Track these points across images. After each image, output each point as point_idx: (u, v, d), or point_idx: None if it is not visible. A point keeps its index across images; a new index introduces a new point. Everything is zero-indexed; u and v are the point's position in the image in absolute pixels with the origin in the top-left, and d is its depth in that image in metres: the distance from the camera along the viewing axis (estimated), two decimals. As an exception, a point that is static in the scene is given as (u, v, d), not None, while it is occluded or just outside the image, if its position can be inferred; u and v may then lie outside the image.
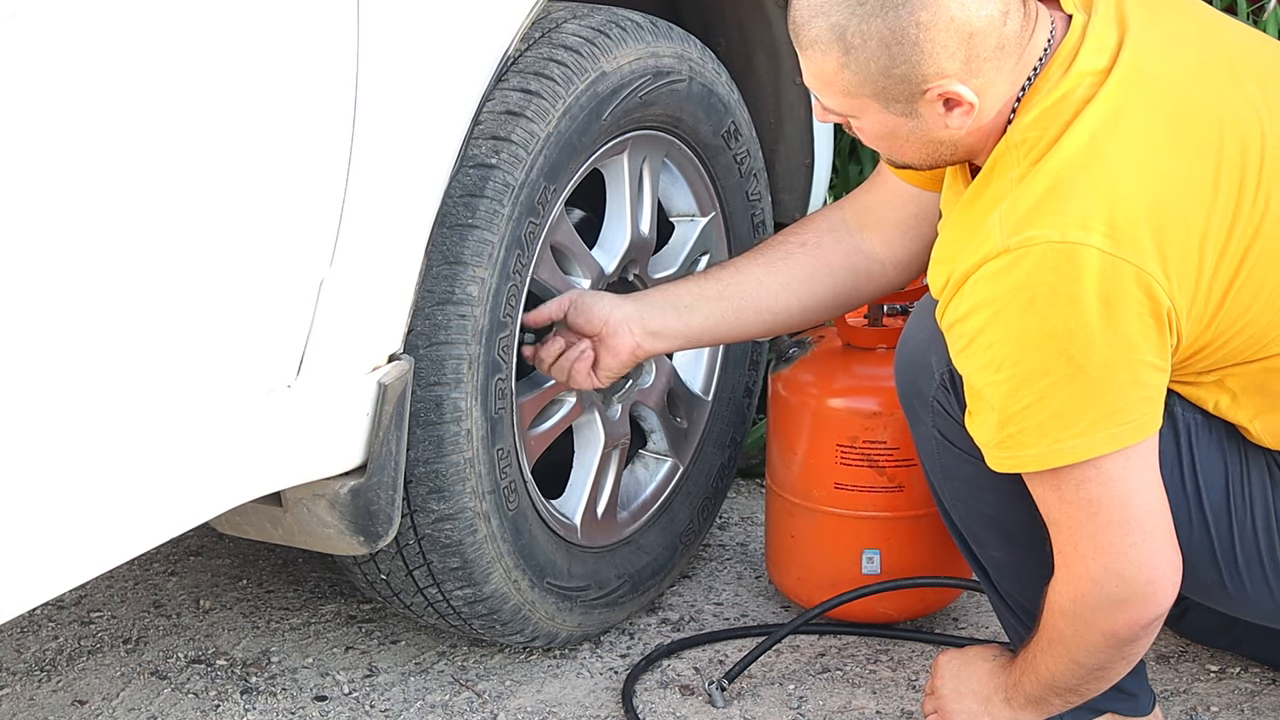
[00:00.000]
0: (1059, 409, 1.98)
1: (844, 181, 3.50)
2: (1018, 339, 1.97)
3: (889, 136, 2.06)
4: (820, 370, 2.64)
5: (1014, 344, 1.97)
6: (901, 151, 2.09)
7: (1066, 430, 1.98)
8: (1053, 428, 1.99)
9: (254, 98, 2.01)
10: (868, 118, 2.04)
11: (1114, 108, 1.99)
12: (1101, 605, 2.06)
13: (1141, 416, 2.00)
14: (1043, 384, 1.97)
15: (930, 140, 2.05)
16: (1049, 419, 1.99)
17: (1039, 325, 1.96)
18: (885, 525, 2.63)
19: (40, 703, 2.57)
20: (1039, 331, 1.96)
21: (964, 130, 2.02)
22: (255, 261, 2.07)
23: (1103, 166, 1.97)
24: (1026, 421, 2.00)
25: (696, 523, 2.86)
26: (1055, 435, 1.99)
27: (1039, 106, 2.01)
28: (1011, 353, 1.97)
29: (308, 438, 2.19)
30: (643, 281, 2.69)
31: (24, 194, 1.80)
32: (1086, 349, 1.95)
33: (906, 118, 2.02)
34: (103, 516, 1.98)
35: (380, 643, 2.71)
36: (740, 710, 2.55)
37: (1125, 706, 2.33)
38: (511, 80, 2.38)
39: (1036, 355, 1.96)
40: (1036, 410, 1.98)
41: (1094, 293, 1.94)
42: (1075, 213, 1.95)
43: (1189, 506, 2.12)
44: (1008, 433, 2.02)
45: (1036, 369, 1.97)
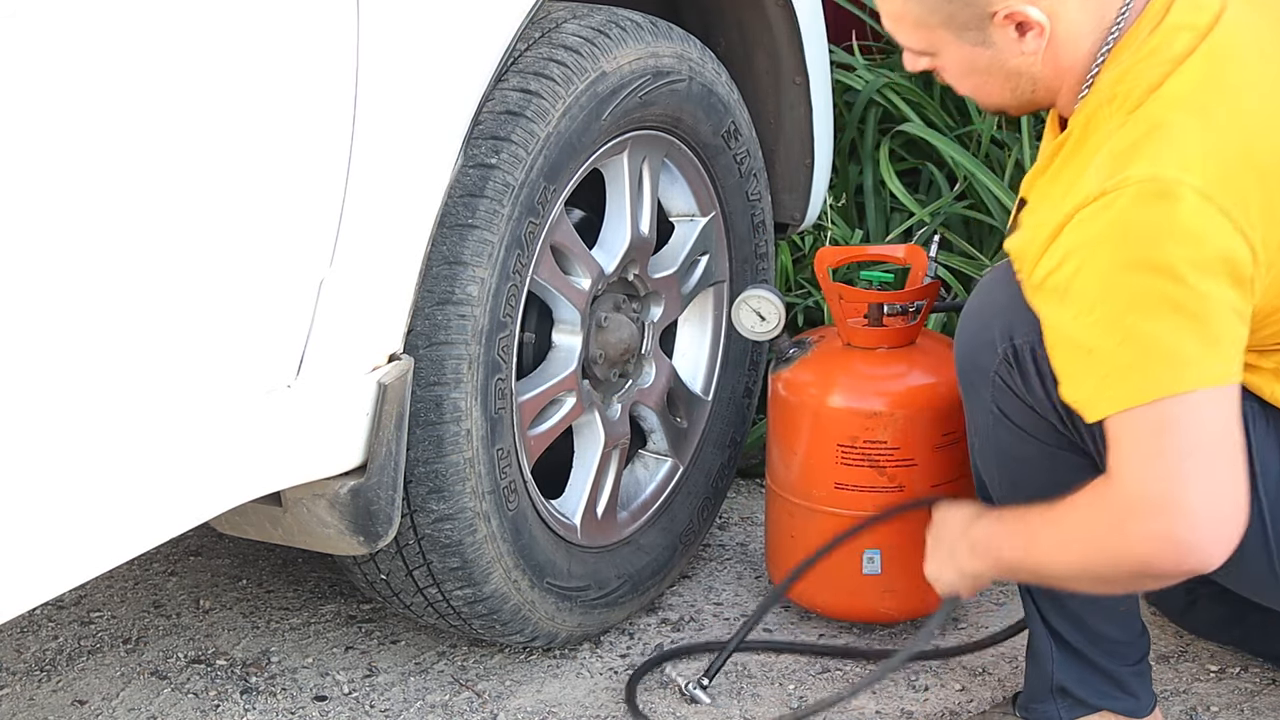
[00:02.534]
0: (1155, 342, 1.93)
1: (844, 181, 3.50)
2: (1110, 275, 1.94)
3: (971, 72, 2.07)
4: (820, 370, 2.64)
5: (1107, 280, 1.94)
6: (987, 89, 2.09)
7: (1163, 363, 1.93)
8: (1149, 361, 1.94)
9: (254, 98, 2.01)
10: (946, 53, 2.06)
11: (1217, 61, 1.98)
12: (1157, 534, 1.96)
13: (1232, 360, 1.95)
14: (1136, 317, 1.93)
15: (1009, 72, 2.05)
16: (1144, 353, 1.94)
17: (1131, 260, 1.93)
18: (886, 525, 2.63)
19: (40, 703, 2.57)
20: (1132, 266, 1.93)
21: (1039, 59, 2.02)
22: (255, 261, 2.07)
23: (1204, 113, 1.96)
24: (1122, 358, 1.95)
25: (696, 523, 2.86)
26: (1151, 368, 1.94)
27: (1131, 58, 2.00)
28: (1105, 289, 1.94)
29: (307, 438, 2.19)
30: (643, 282, 2.69)
31: (24, 194, 1.80)
32: (1179, 284, 1.92)
33: (982, 47, 2.03)
34: (103, 516, 1.98)
35: (380, 643, 2.71)
36: (740, 710, 2.55)
37: (1125, 706, 2.33)
38: (511, 80, 2.38)
39: (1129, 291, 1.93)
40: (1132, 345, 1.94)
41: (1187, 231, 1.91)
42: (1173, 154, 1.93)
43: None
44: (1103, 373, 1.97)
45: (1131, 303, 1.93)
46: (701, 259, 2.80)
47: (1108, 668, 2.31)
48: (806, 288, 3.39)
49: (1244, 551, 2.07)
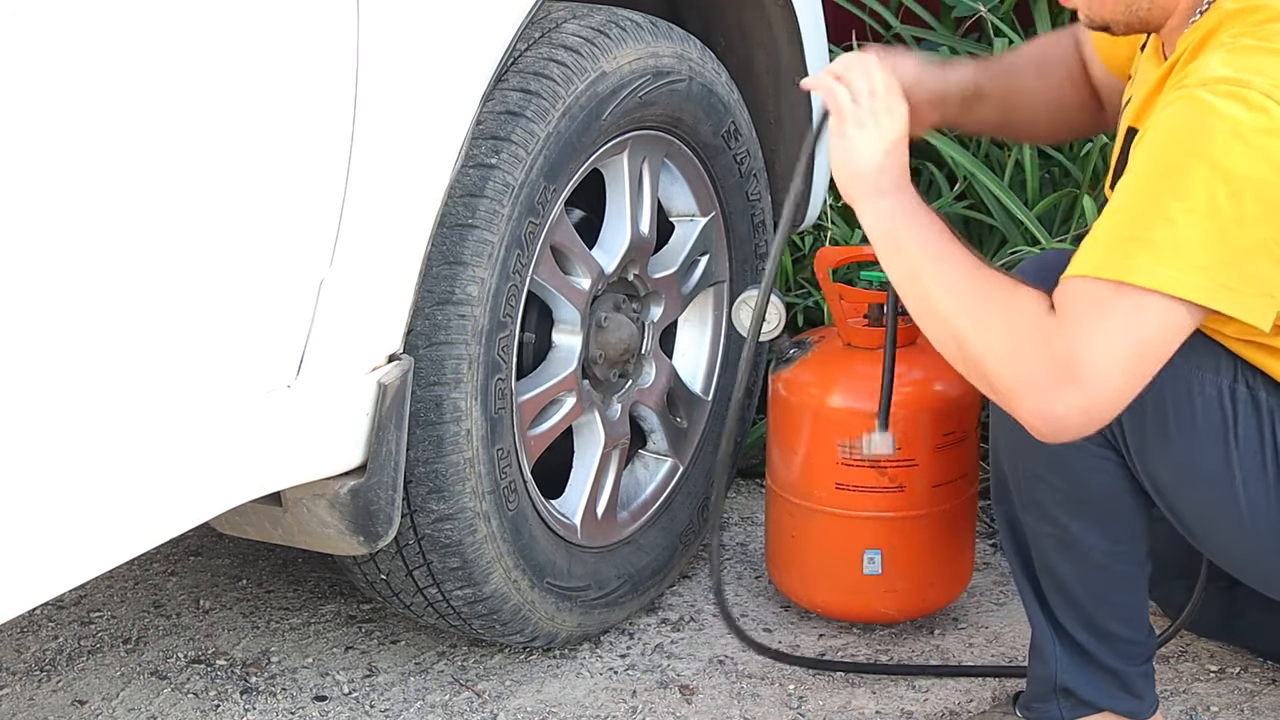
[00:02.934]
0: (1183, 237, 1.91)
1: (844, 181, 3.49)
2: (1183, 155, 1.92)
3: None
4: (820, 370, 2.64)
5: (1178, 158, 1.92)
6: (1100, 4, 2.08)
7: (1176, 260, 1.91)
8: (1166, 251, 1.91)
9: (254, 98, 2.01)
10: None
11: None
12: (1046, 375, 1.94)
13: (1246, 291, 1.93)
14: (1181, 205, 1.91)
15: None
16: (1168, 240, 1.91)
17: (1211, 155, 1.90)
18: (886, 525, 2.63)
19: (40, 703, 2.57)
20: (1208, 160, 1.90)
21: None
22: (255, 261, 2.07)
23: None
24: (1148, 234, 1.92)
25: (696, 523, 2.86)
26: (1163, 257, 1.91)
27: None
28: (1170, 164, 1.92)
29: (307, 438, 2.18)
30: (643, 282, 2.69)
31: (24, 194, 1.80)
32: (1239, 198, 1.90)
33: None
34: (103, 516, 1.98)
35: (380, 643, 2.71)
36: (740, 710, 2.55)
37: (1129, 708, 2.33)
38: (511, 80, 2.37)
39: (1191, 178, 1.91)
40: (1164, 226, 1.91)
41: (1267, 151, 1.90)
42: None
43: (1268, 490, 2.10)
44: (1123, 235, 1.94)
45: (1184, 188, 1.91)
46: (701, 259, 2.80)
47: (1115, 667, 2.31)
48: (806, 288, 3.39)
49: (1264, 550, 2.11)
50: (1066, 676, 2.32)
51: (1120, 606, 2.28)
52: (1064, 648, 2.32)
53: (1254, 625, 2.59)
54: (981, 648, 2.71)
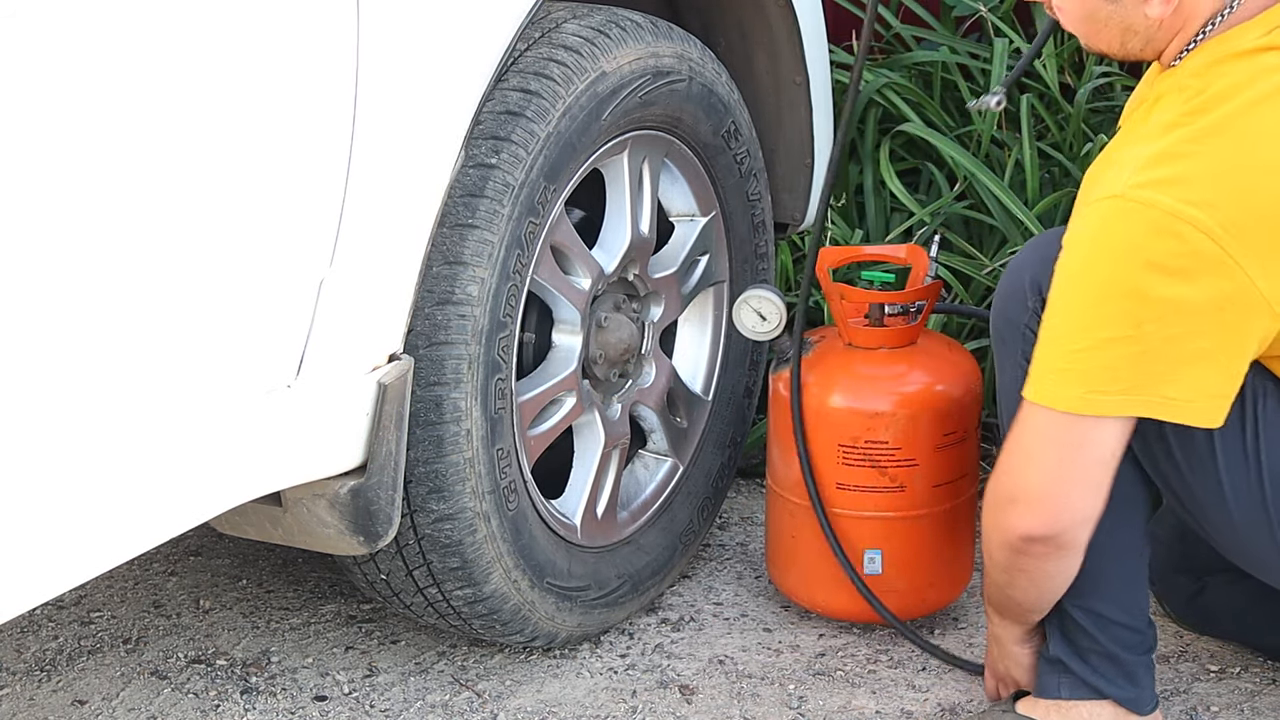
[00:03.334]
0: (1106, 364, 2.03)
1: (844, 181, 3.50)
2: (1098, 286, 2.03)
3: (1089, 19, 2.13)
4: (821, 370, 2.64)
5: (1093, 290, 2.03)
6: (1098, 37, 2.15)
7: (1105, 386, 2.04)
8: (1094, 379, 2.04)
9: (254, 98, 2.01)
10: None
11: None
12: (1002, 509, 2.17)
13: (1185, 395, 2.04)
14: (1102, 335, 2.02)
15: (1126, 28, 2.12)
16: (1094, 370, 2.04)
17: (1120, 282, 2.01)
18: (887, 525, 2.63)
19: (40, 703, 2.57)
20: (1118, 288, 2.01)
21: (1160, 23, 2.09)
22: (255, 261, 2.07)
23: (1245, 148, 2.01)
24: (1074, 364, 2.05)
25: (696, 523, 2.86)
26: (1093, 386, 2.04)
27: (1222, 51, 2.06)
28: (1088, 296, 2.04)
29: (307, 438, 2.18)
30: (643, 282, 2.69)
31: (24, 194, 1.80)
32: (1154, 318, 2.00)
33: (1107, 1, 2.10)
34: (103, 516, 1.98)
35: (380, 643, 2.71)
36: (740, 710, 2.55)
37: (1126, 696, 2.33)
38: (511, 80, 2.38)
39: (1107, 307, 2.02)
40: (1087, 357, 2.04)
41: (1181, 267, 1.98)
42: (1195, 191, 1.98)
43: (1247, 465, 2.14)
44: (1056, 366, 2.07)
45: (1102, 320, 2.02)
46: (701, 259, 2.80)
47: (1114, 652, 2.31)
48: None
49: (1244, 529, 2.16)
50: (1060, 650, 2.33)
51: (1115, 587, 2.29)
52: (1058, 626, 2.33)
53: (1258, 620, 2.59)
54: (981, 648, 2.71)
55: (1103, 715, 2.33)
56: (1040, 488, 2.13)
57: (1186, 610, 2.68)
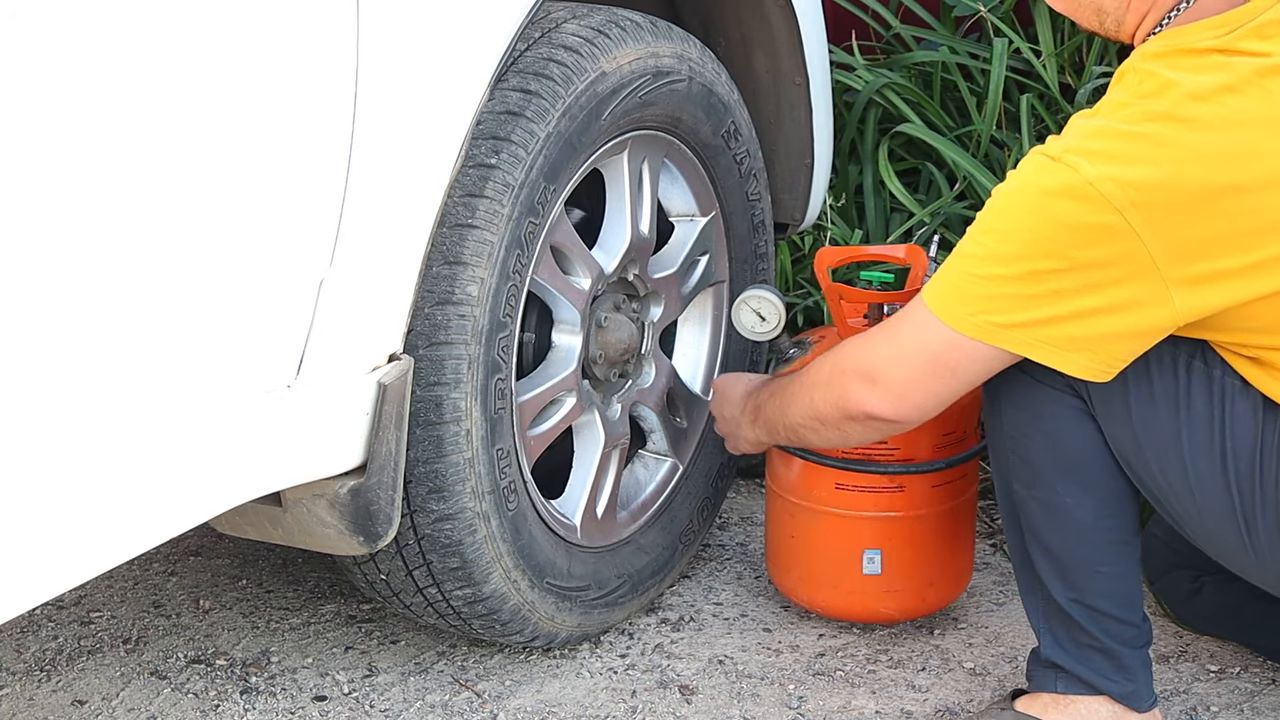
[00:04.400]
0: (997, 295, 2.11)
1: (844, 181, 3.50)
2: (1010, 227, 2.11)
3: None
4: (820, 370, 2.64)
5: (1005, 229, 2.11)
6: (1079, 14, 2.25)
7: (990, 314, 2.12)
8: (982, 304, 2.12)
9: (254, 98, 2.01)
10: None
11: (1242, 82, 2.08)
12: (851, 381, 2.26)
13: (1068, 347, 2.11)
14: (1003, 271, 2.10)
15: (1099, 9, 2.22)
16: (985, 297, 2.12)
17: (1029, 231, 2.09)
18: (887, 525, 2.63)
19: (40, 703, 2.57)
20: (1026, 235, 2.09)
21: (1127, 5, 2.18)
22: (255, 261, 2.07)
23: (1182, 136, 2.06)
24: (968, 287, 2.13)
25: (696, 523, 2.86)
26: (978, 309, 2.12)
27: (1178, 43, 2.12)
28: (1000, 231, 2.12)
29: (307, 438, 2.18)
30: (643, 282, 2.69)
31: (24, 194, 1.80)
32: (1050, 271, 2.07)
33: None
34: (103, 516, 1.98)
35: (380, 643, 2.71)
36: (740, 710, 2.55)
37: (1121, 691, 2.33)
38: (511, 80, 2.38)
39: (1011, 247, 2.10)
40: (982, 284, 2.12)
41: (1086, 237, 2.06)
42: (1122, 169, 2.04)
43: (1217, 462, 2.16)
44: (952, 281, 2.15)
45: (1005, 257, 2.10)
46: (701, 259, 2.81)
47: (1109, 646, 2.31)
48: (806, 288, 3.39)
49: (1215, 525, 2.19)
50: (1054, 653, 2.34)
51: (1110, 580, 2.29)
52: (1051, 624, 2.33)
53: (1257, 619, 2.59)
54: (981, 647, 2.71)
55: (1100, 711, 2.34)
56: (902, 382, 2.21)
57: (1185, 609, 2.68)
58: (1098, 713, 2.33)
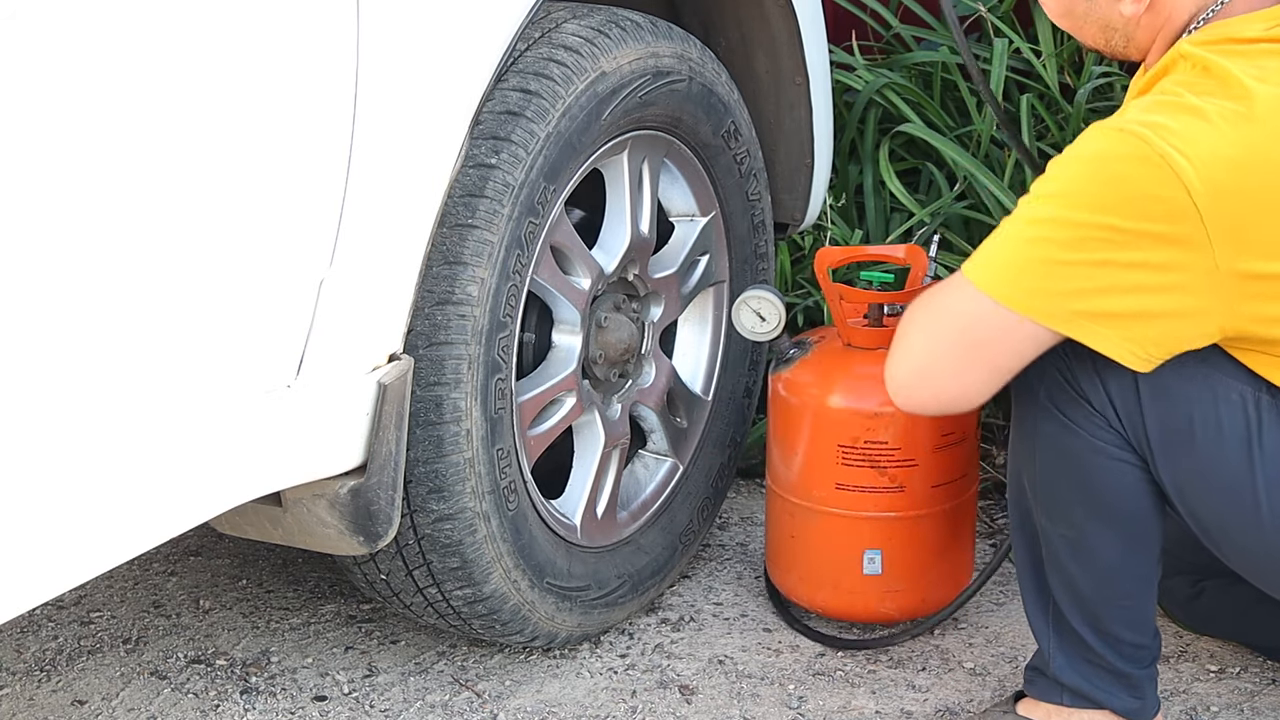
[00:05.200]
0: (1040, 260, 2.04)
1: (844, 181, 3.50)
2: (1068, 193, 2.04)
3: (1068, 15, 2.19)
4: (821, 371, 2.64)
5: (1061, 194, 2.04)
6: (1082, 32, 2.20)
7: (1030, 282, 2.05)
8: (1024, 272, 2.05)
9: (254, 98, 2.01)
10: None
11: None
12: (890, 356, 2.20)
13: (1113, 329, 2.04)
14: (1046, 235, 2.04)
15: (1105, 25, 2.16)
16: (1027, 262, 2.05)
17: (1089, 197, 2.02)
18: (887, 525, 2.63)
19: (40, 703, 2.57)
20: (1085, 201, 2.02)
21: (1136, 20, 2.14)
22: (255, 261, 2.07)
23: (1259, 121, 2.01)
24: (1015, 252, 2.06)
25: (696, 523, 2.86)
26: (1018, 277, 2.05)
27: (1223, 34, 2.08)
28: (1054, 197, 2.04)
29: (307, 438, 2.18)
30: (643, 282, 2.69)
31: (24, 194, 1.80)
32: (1102, 240, 2.01)
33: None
34: (103, 516, 1.98)
35: (380, 643, 2.71)
36: (740, 710, 2.55)
37: (1129, 708, 2.32)
38: (511, 80, 2.38)
39: (1065, 212, 2.03)
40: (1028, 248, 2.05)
41: (1149, 209, 1.99)
42: (1189, 144, 1.99)
43: (1250, 470, 2.12)
44: (995, 247, 2.08)
45: (1056, 221, 2.03)
46: (701, 259, 2.80)
47: (1122, 670, 2.30)
48: (806, 288, 3.39)
49: (1241, 532, 2.15)
50: (1065, 674, 2.32)
51: (1128, 610, 2.28)
52: (1063, 644, 2.32)
53: (1258, 621, 2.59)
54: (981, 647, 2.71)
55: None
56: (915, 357, 2.15)
57: (1185, 613, 2.68)
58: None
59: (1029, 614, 2.37)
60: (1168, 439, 2.14)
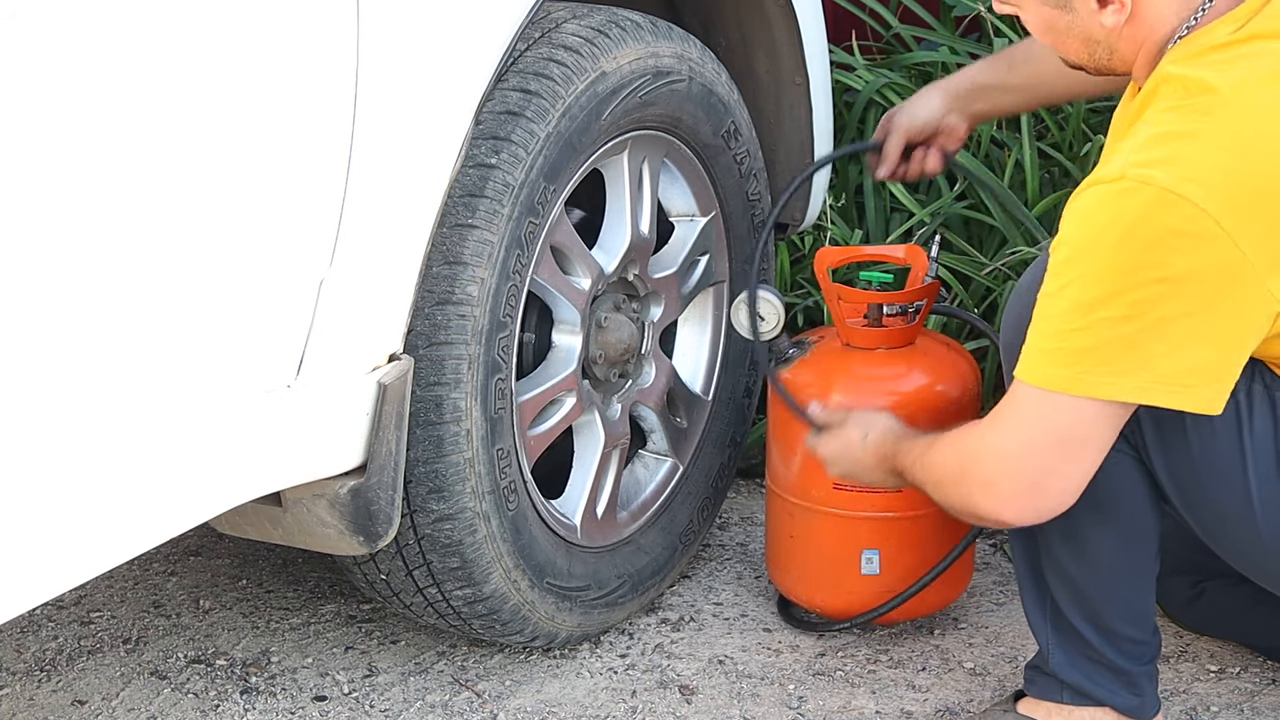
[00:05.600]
0: (1101, 343, 2.00)
1: (844, 181, 3.50)
2: (1094, 266, 2.00)
3: (1050, 30, 2.16)
4: (820, 370, 2.64)
5: (1090, 270, 2.00)
6: (1065, 47, 2.18)
7: (1100, 366, 2.01)
8: (1088, 359, 2.01)
9: (254, 98, 2.01)
10: (1029, 9, 2.15)
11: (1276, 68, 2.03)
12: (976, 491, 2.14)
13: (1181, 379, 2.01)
14: (1097, 315, 2.00)
15: (1088, 38, 2.14)
16: (1088, 349, 2.01)
17: (1117, 260, 1.99)
18: (884, 525, 2.63)
19: (40, 703, 2.57)
20: (1115, 266, 1.99)
21: (1118, 32, 2.11)
22: (255, 261, 2.07)
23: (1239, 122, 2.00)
24: (1069, 343, 2.02)
25: (696, 523, 2.86)
26: (1087, 366, 2.01)
27: (1202, 44, 2.06)
28: (1084, 277, 2.01)
29: (307, 438, 2.19)
30: (643, 282, 2.69)
31: (24, 195, 1.80)
32: (1150, 298, 1.98)
33: (1062, 10, 2.12)
34: (103, 516, 1.98)
35: (380, 643, 2.71)
36: (740, 710, 2.55)
37: (1128, 705, 2.33)
38: (511, 80, 2.38)
39: (1103, 287, 1.99)
40: (1082, 336, 2.01)
41: (1178, 245, 1.96)
42: (1191, 169, 1.97)
43: (1241, 461, 2.12)
44: (1048, 346, 2.04)
45: (1098, 299, 2.00)
46: (701, 259, 2.80)
47: (1122, 666, 2.31)
48: (806, 288, 3.39)
49: (1234, 527, 2.15)
50: (1064, 671, 2.33)
51: (1127, 605, 2.29)
52: (1062, 641, 2.32)
53: (1259, 622, 2.59)
54: (981, 647, 2.71)
55: None
56: (1021, 479, 2.09)
57: (1185, 613, 2.68)
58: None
59: (1027, 611, 2.37)
60: (1160, 429, 2.14)
